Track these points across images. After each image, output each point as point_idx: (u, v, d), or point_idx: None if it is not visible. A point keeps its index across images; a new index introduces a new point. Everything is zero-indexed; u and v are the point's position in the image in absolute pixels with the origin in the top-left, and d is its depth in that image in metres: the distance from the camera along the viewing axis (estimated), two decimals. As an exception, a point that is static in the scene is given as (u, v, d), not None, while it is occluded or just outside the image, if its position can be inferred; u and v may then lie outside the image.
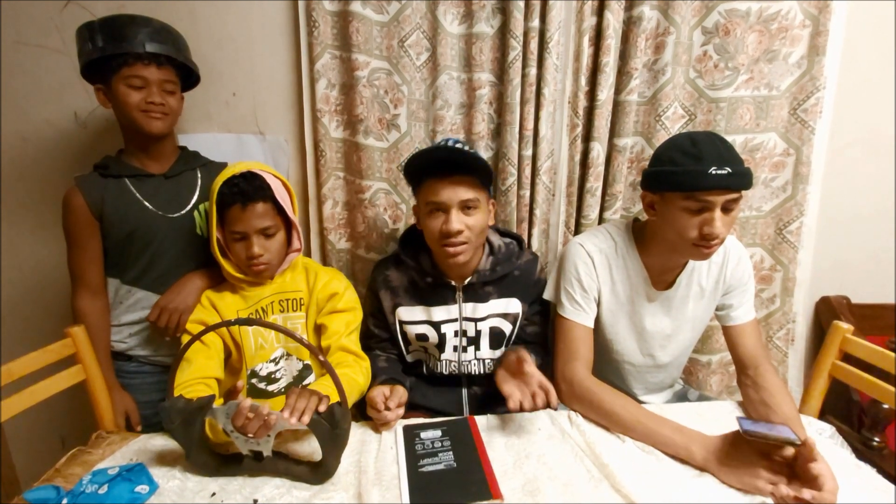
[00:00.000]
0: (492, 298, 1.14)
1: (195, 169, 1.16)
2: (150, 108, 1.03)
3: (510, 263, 1.13)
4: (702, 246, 0.92)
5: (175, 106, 1.08)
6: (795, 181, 1.32)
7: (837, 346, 1.01)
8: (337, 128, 1.32)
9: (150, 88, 1.03)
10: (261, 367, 1.06)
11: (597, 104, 1.25)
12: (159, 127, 1.06)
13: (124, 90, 1.02)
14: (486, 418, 0.99)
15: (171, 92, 1.07)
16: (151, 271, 1.11)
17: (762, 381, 0.98)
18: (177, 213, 1.11)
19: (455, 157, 1.01)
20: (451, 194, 1.00)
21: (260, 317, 1.05)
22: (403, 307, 1.14)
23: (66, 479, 0.85)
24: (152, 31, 1.04)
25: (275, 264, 1.03)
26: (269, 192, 0.98)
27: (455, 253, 1.02)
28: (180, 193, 1.12)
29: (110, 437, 0.98)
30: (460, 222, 1.01)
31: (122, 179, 1.08)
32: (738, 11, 1.22)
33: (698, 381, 1.45)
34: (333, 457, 0.82)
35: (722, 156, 0.87)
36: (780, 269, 1.38)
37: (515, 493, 0.79)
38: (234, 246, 1.00)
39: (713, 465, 0.82)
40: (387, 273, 1.15)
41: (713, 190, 0.87)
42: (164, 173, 1.12)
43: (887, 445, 1.16)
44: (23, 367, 0.92)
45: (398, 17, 1.24)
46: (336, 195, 1.36)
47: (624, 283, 1.07)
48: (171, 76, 1.07)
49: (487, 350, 1.15)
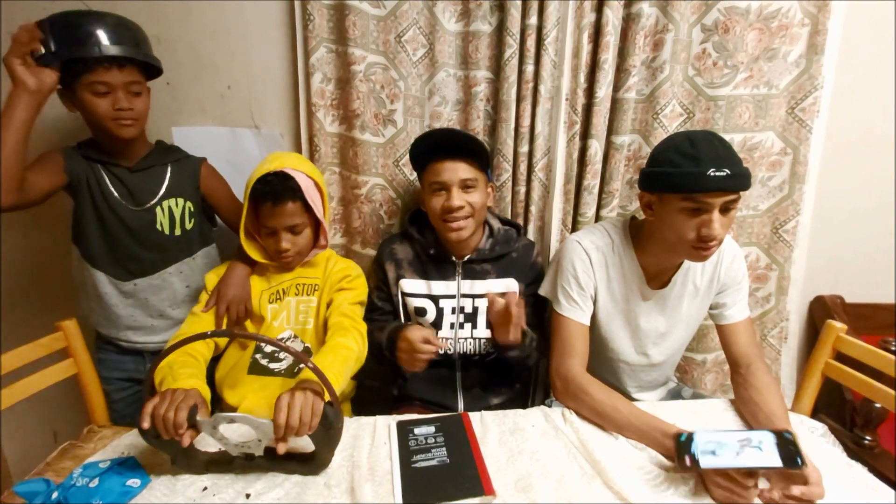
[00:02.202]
0: (490, 277, 1.19)
1: (166, 165, 1.15)
2: (119, 116, 1.01)
3: (508, 245, 1.20)
4: (700, 248, 0.92)
5: (143, 108, 1.06)
6: (792, 180, 1.32)
7: (831, 345, 1.01)
8: (332, 122, 1.31)
9: (117, 94, 1.00)
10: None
11: (595, 101, 1.25)
12: (131, 133, 1.05)
13: (90, 98, 0.99)
14: (480, 414, 0.99)
15: (137, 93, 1.04)
16: (107, 255, 1.12)
17: (752, 379, 0.99)
18: (138, 207, 1.11)
19: (455, 139, 1.11)
20: (451, 174, 1.09)
21: (279, 297, 1.13)
22: (406, 279, 1.19)
23: (58, 472, 0.85)
24: (108, 29, 0.98)
25: (302, 256, 1.10)
26: (299, 193, 1.02)
27: (458, 227, 1.10)
28: (145, 188, 1.12)
29: (102, 431, 0.98)
30: (461, 199, 1.09)
31: (96, 164, 1.09)
32: (738, 9, 1.21)
33: (693, 380, 1.45)
34: (327, 451, 0.83)
35: (720, 157, 0.87)
36: (775, 267, 1.39)
37: (508, 489, 0.79)
38: (265, 238, 1.07)
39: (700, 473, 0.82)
40: (393, 246, 1.22)
41: (711, 192, 0.87)
42: (129, 166, 1.11)
43: (879, 444, 1.17)
44: (13, 360, 0.91)
45: (395, 13, 1.23)
46: (331, 190, 1.36)
47: (620, 282, 1.07)
48: (136, 76, 1.03)
49: (484, 329, 1.18)
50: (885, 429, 1.19)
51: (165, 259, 1.16)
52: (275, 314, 1.12)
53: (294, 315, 1.13)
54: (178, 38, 1.27)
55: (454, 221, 1.10)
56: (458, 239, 1.12)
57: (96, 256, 1.12)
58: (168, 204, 1.13)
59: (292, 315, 1.13)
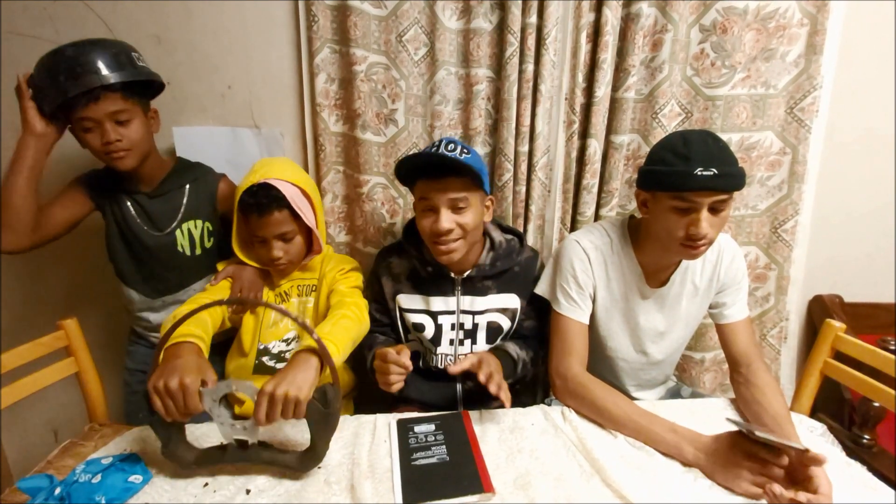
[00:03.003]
0: (490, 293, 1.15)
1: (183, 187, 1.15)
2: (108, 150, 0.98)
3: (510, 259, 1.15)
4: (689, 246, 0.93)
5: (135, 136, 1.00)
6: (791, 180, 1.32)
7: (830, 344, 1.01)
8: (336, 122, 1.32)
9: (103, 127, 0.96)
10: (273, 344, 1.12)
11: (594, 101, 1.25)
12: (128, 164, 1.01)
13: (81, 136, 0.99)
14: (480, 413, 1.00)
15: (124, 122, 0.98)
16: (135, 274, 1.17)
17: (754, 379, 0.99)
18: (159, 232, 1.14)
19: (441, 162, 1.00)
20: (440, 195, 1.01)
21: (282, 299, 1.15)
22: (404, 294, 1.16)
23: (59, 470, 0.85)
24: (76, 62, 0.93)
25: (296, 262, 1.11)
26: (283, 202, 1.02)
27: (447, 251, 1.04)
28: (164, 213, 1.13)
29: (103, 429, 0.98)
30: (450, 221, 1.01)
31: (118, 192, 1.11)
32: (736, 9, 1.22)
33: (692, 379, 1.45)
34: (323, 440, 0.80)
35: (711, 156, 0.87)
36: (774, 267, 1.39)
37: (507, 487, 0.80)
38: (258, 248, 1.07)
39: (703, 464, 0.82)
40: (390, 260, 1.18)
41: (699, 191, 0.87)
42: (148, 192, 1.12)
43: (877, 443, 1.17)
44: (13, 359, 0.91)
45: (396, 12, 1.23)
46: (336, 189, 1.36)
47: (619, 281, 1.07)
48: (118, 104, 0.97)
49: (484, 344, 1.16)
50: (883, 428, 1.19)
51: (188, 278, 1.19)
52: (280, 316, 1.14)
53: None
54: (179, 38, 1.27)
55: (444, 244, 1.03)
56: (448, 262, 1.07)
57: (126, 274, 1.16)
58: (187, 226, 1.15)
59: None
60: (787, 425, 0.89)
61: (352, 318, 0.99)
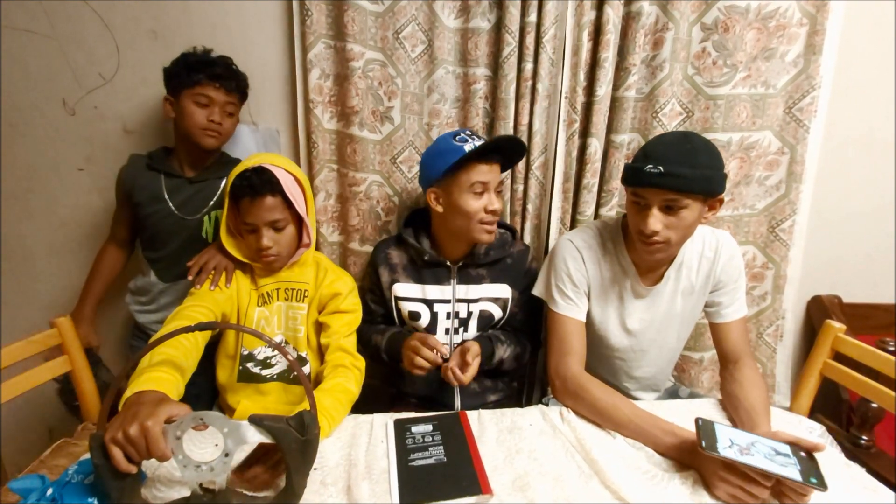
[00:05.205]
0: (484, 282, 1.19)
1: (221, 178, 1.20)
2: (209, 127, 1.13)
3: (503, 250, 1.19)
4: (643, 242, 0.95)
5: (229, 128, 1.19)
6: (789, 180, 1.32)
7: (829, 345, 1.01)
8: (330, 119, 1.30)
9: (214, 108, 1.13)
10: (259, 350, 1.09)
11: (595, 100, 1.25)
12: (212, 144, 1.16)
13: (190, 107, 1.12)
14: (478, 413, 0.99)
15: (230, 114, 1.17)
16: (160, 261, 1.22)
17: (737, 375, 1.00)
18: (190, 217, 1.19)
19: (511, 145, 1.12)
20: (494, 176, 1.10)
21: (265, 301, 1.09)
22: (400, 283, 1.18)
23: (51, 470, 0.84)
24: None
25: (284, 256, 1.06)
26: (277, 187, 0.99)
27: (492, 231, 1.12)
28: (199, 199, 1.19)
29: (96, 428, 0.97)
30: (500, 202, 1.12)
31: (158, 174, 1.18)
32: (738, 8, 1.21)
33: (690, 378, 1.45)
34: (300, 473, 0.71)
35: (666, 156, 0.88)
36: (771, 266, 1.39)
37: (506, 488, 0.79)
38: (247, 237, 1.03)
39: (701, 469, 0.81)
40: (387, 251, 1.21)
41: (647, 187, 0.90)
42: (190, 177, 1.19)
43: (876, 444, 1.17)
44: (6, 356, 0.90)
45: (393, 9, 1.22)
46: (328, 187, 1.35)
47: (613, 279, 1.07)
48: (234, 100, 1.18)
49: (474, 332, 1.19)
50: (881, 429, 1.19)
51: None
52: (266, 319, 1.09)
53: (284, 321, 1.10)
54: (176, 34, 1.26)
55: (490, 224, 1.10)
56: (488, 241, 1.13)
57: (151, 256, 1.22)
58: (215, 214, 1.19)
59: (283, 321, 1.10)
60: (759, 418, 0.89)
61: (352, 390, 0.99)
